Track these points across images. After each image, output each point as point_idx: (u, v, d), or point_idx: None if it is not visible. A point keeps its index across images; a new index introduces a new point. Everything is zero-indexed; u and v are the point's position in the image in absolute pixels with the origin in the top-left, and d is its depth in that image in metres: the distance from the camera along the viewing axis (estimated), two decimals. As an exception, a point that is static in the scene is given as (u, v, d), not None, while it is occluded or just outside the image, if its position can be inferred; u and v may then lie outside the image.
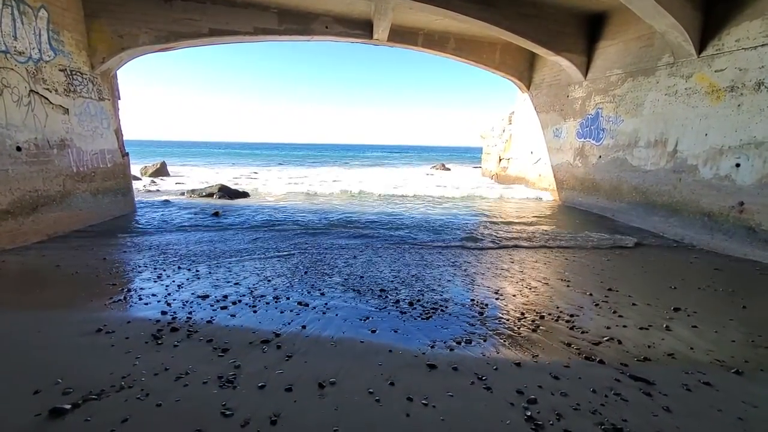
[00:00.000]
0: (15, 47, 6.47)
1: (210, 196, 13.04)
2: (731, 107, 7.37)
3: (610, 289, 5.32)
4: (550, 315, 4.44)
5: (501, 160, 17.78)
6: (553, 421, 2.59)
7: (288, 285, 5.24)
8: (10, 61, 6.39)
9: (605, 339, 3.88)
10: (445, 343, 3.75)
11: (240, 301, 4.63)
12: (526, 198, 13.86)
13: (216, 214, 9.90)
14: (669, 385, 3.06)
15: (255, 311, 4.37)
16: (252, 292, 4.94)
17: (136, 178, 16.99)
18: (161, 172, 21.01)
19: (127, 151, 9.87)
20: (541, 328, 4.11)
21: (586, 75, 11.27)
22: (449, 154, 71.40)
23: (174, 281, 5.25)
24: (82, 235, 7.72)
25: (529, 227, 9.49)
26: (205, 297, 4.69)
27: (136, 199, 10.86)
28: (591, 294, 5.12)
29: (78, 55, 8.04)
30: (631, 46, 9.70)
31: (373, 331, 3.96)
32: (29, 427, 2.36)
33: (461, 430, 2.49)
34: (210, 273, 5.63)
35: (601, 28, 10.62)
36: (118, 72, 9.62)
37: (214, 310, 4.33)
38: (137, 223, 9.14)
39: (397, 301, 4.79)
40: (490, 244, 7.88)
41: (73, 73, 7.92)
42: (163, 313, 4.21)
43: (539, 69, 13.73)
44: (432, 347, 3.65)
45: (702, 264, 6.72)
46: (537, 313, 4.50)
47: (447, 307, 4.63)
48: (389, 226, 9.34)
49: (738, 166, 7.23)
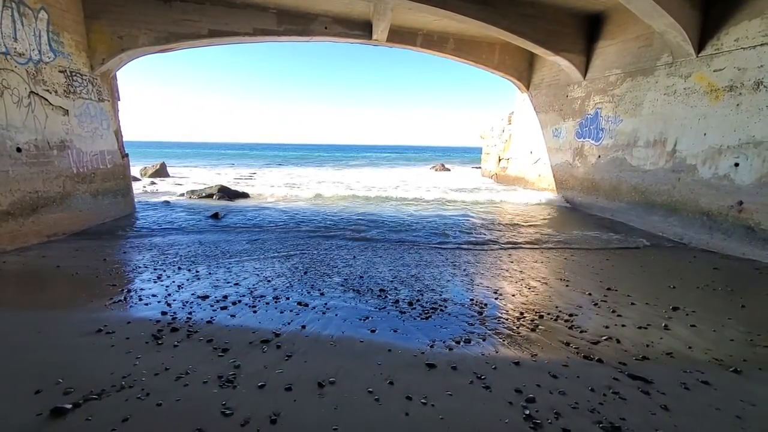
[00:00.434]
0: (15, 48, 6.48)
1: (210, 197, 13.05)
2: (730, 107, 7.38)
3: (609, 288, 5.33)
4: (549, 314, 4.45)
5: (500, 160, 17.79)
6: (552, 419, 2.60)
7: (288, 285, 5.25)
8: (11, 63, 6.40)
9: (604, 338, 3.89)
10: (444, 342, 3.76)
11: (240, 301, 4.65)
12: (526, 197, 13.86)
13: (215, 215, 9.91)
14: (667, 384, 3.07)
15: (255, 311, 4.38)
16: (252, 292, 4.95)
17: (136, 179, 16.99)
18: (161, 173, 21.01)
19: (126, 152, 9.89)
20: (540, 327, 4.12)
21: (585, 75, 11.28)
22: (449, 155, 71.44)
23: (174, 282, 5.26)
24: (82, 236, 7.74)
25: (528, 227, 9.51)
26: (205, 297, 4.71)
27: (136, 200, 10.88)
28: (590, 293, 5.13)
29: (78, 57, 8.05)
30: (630, 45, 9.71)
31: (372, 331, 3.98)
32: (31, 426, 2.38)
33: (460, 429, 2.50)
34: (210, 273, 5.64)
35: (600, 28, 10.63)
36: (117, 73, 9.63)
37: (214, 311, 4.34)
38: (137, 224, 9.15)
39: (397, 300, 4.80)
40: (489, 244, 7.89)
41: (73, 74, 7.93)
42: (163, 313, 4.22)
43: (538, 69, 13.74)
44: (431, 347, 3.66)
45: (701, 263, 6.74)
46: (536, 312, 4.51)
47: (446, 306, 4.64)
48: (388, 227, 9.35)
49: (737, 165, 7.24)
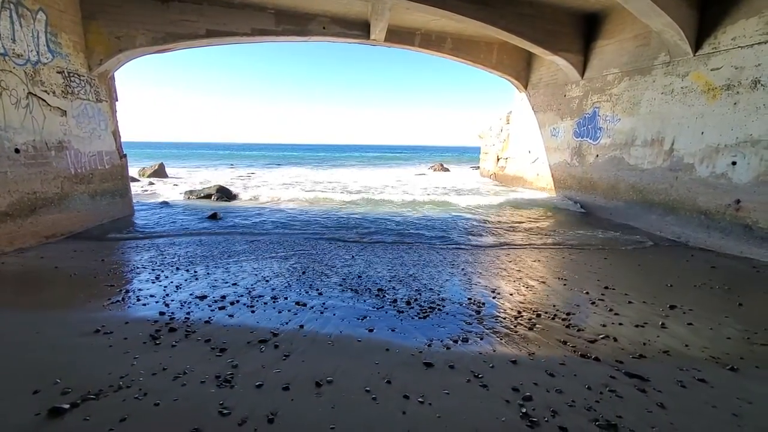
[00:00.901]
0: (13, 50, 6.48)
1: (208, 197, 13.04)
2: (727, 106, 7.40)
3: (606, 287, 5.35)
4: (546, 313, 4.46)
5: (499, 159, 17.80)
6: (548, 417, 2.61)
7: (286, 285, 5.25)
8: (9, 64, 6.39)
9: (601, 337, 3.90)
10: (441, 341, 3.77)
11: (238, 301, 4.65)
12: (524, 197, 13.87)
13: (214, 216, 9.91)
14: (664, 382, 3.08)
15: (253, 311, 4.38)
16: (250, 292, 4.96)
17: (135, 180, 16.96)
18: (159, 173, 21.01)
19: (125, 152, 9.88)
20: (537, 326, 4.13)
21: (583, 74, 11.30)
22: (448, 154, 71.42)
23: (172, 282, 5.26)
24: (81, 236, 7.73)
25: (526, 226, 9.52)
26: (203, 297, 4.71)
27: (134, 200, 10.86)
28: (588, 292, 5.14)
29: (75, 57, 8.05)
30: (628, 45, 9.73)
31: (370, 330, 3.98)
32: (29, 426, 2.38)
33: (457, 428, 2.51)
34: (208, 274, 5.65)
35: (597, 28, 10.65)
36: (115, 73, 9.62)
37: (212, 311, 4.35)
38: (135, 224, 9.15)
39: (395, 300, 4.81)
40: (487, 244, 7.91)
41: (71, 75, 7.92)
42: (161, 313, 4.22)
43: (536, 68, 13.75)
44: (429, 346, 3.67)
45: (699, 262, 6.75)
46: (534, 311, 4.52)
47: (444, 306, 4.65)
48: (387, 226, 9.36)
49: (734, 164, 7.26)
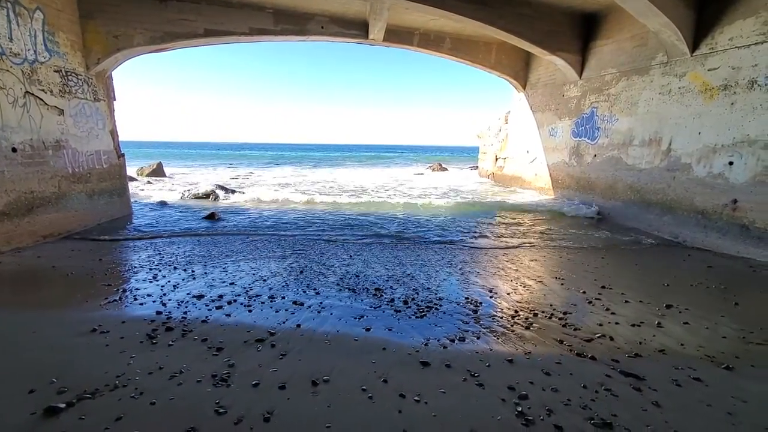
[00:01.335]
0: (10, 48, 6.46)
1: (206, 197, 13.03)
2: (724, 106, 7.42)
3: (603, 286, 5.36)
4: (543, 313, 4.47)
5: (497, 159, 17.82)
6: (544, 416, 2.62)
7: (283, 284, 5.26)
8: (6, 63, 6.38)
9: (597, 336, 3.91)
10: (438, 340, 3.77)
11: (235, 300, 4.65)
12: (523, 197, 13.90)
13: (212, 215, 9.90)
14: (659, 381, 3.09)
15: (250, 310, 4.38)
16: (247, 291, 4.96)
17: (133, 179, 16.95)
18: (158, 173, 20.97)
19: (123, 152, 9.86)
20: (534, 325, 4.14)
21: (581, 74, 11.31)
22: (446, 154, 71.48)
23: (169, 281, 5.26)
24: (78, 236, 7.72)
25: (524, 226, 9.54)
26: (200, 297, 4.71)
27: (132, 200, 10.84)
28: (584, 292, 5.16)
29: (73, 56, 8.03)
30: (625, 45, 9.75)
31: (367, 330, 3.99)
32: (24, 425, 2.38)
33: (453, 426, 2.51)
34: (205, 273, 5.64)
35: (595, 28, 10.66)
36: (113, 72, 9.60)
37: (209, 310, 4.35)
38: (133, 224, 9.13)
39: (392, 299, 4.81)
40: (484, 243, 7.92)
41: (69, 74, 7.90)
42: (158, 312, 4.22)
43: (535, 68, 13.77)
44: (426, 345, 3.67)
45: (695, 262, 6.77)
46: (530, 310, 4.53)
47: (441, 305, 4.66)
48: (385, 226, 9.36)
49: (731, 164, 7.28)
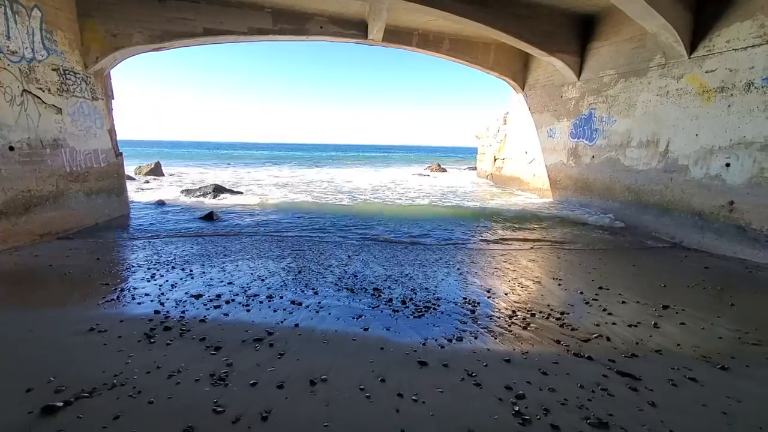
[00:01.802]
0: (8, 47, 6.44)
1: (204, 196, 13.02)
2: (721, 108, 7.46)
3: (600, 287, 5.38)
4: (541, 313, 4.49)
5: (496, 160, 17.84)
6: (541, 415, 2.63)
7: (281, 284, 5.26)
8: (3, 61, 6.36)
9: (594, 336, 3.93)
10: (436, 340, 3.78)
11: (233, 300, 4.65)
12: (521, 197, 13.93)
13: (210, 215, 9.88)
14: (655, 381, 3.11)
15: (248, 310, 4.38)
16: (245, 291, 4.96)
17: (131, 179, 16.91)
18: (156, 172, 20.91)
19: (121, 151, 9.84)
20: (531, 325, 4.16)
21: (579, 75, 11.35)
22: (445, 154, 71.55)
23: (167, 281, 5.25)
24: (76, 235, 7.70)
25: (522, 226, 9.56)
26: (198, 296, 4.71)
27: (130, 199, 10.84)
28: (582, 292, 5.18)
29: (71, 55, 8.01)
30: (624, 47, 9.78)
31: (365, 329, 3.99)
32: (21, 424, 2.37)
33: (450, 425, 2.52)
34: (203, 273, 5.64)
35: (594, 29, 10.70)
36: (112, 71, 9.59)
37: (207, 309, 4.34)
38: (131, 223, 9.12)
39: (390, 299, 4.82)
40: (482, 244, 7.94)
41: (67, 72, 7.88)
42: (156, 312, 4.21)
43: (533, 70, 13.80)
44: (423, 344, 3.68)
45: (692, 262, 6.80)
46: (528, 311, 4.55)
47: (439, 305, 4.67)
48: (383, 226, 9.37)
49: (728, 165, 7.32)
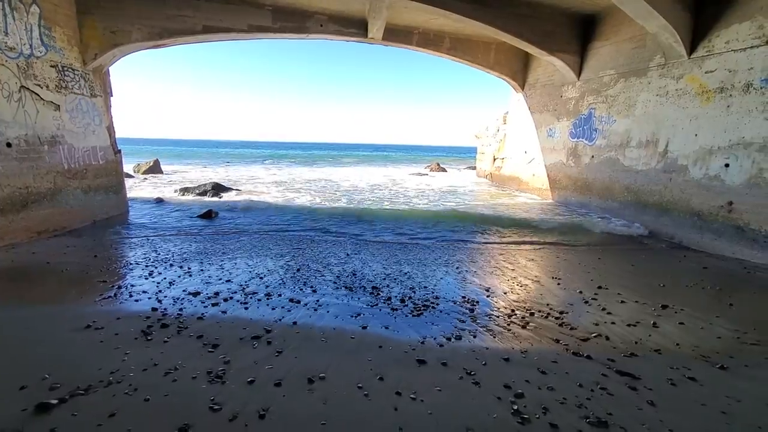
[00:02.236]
0: (6, 43, 6.41)
1: (203, 194, 12.98)
2: (720, 108, 7.45)
3: (600, 286, 5.37)
4: (540, 312, 4.48)
5: (495, 159, 17.84)
6: (539, 414, 2.62)
7: (280, 282, 5.24)
8: (1, 57, 6.32)
9: (593, 335, 3.92)
10: (435, 339, 3.77)
11: (231, 297, 4.63)
12: (520, 197, 13.93)
13: (209, 213, 9.85)
14: (654, 380, 3.10)
15: (246, 308, 4.37)
16: (244, 289, 4.94)
17: (129, 176, 16.87)
18: (155, 170, 20.86)
19: (119, 148, 9.80)
20: (530, 324, 4.15)
21: (579, 75, 11.34)
22: (445, 154, 71.53)
23: (165, 278, 5.23)
24: (73, 232, 7.67)
25: (521, 226, 9.55)
26: (196, 294, 4.68)
27: (129, 196, 10.79)
28: (581, 292, 5.17)
29: (70, 51, 7.97)
30: (624, 47, 9.78)
31: (364, 328, 3.98)
32: (15, 421, 2.35)
33: (448, 424, 2.51)
34: (202, 270, 5.62)
35: (594, 29, 10.69)
36: (110, 68, 9.54)
37: (205, 307, 4.32)
38: (129, 220, 9.09)
39: (389, 298, 4.81)
40: (482, 243, 7.93)
41: (65, 69, 7.84)
42: (154, 309, 4.19)
43: (533, 69, 13.79)
44: (422, 343, 3.67)
45: (691, 262, 6.80)
46: (527, 310, 4.54)
47: (438, 304, 4.66)
48: (382, 225, 9.36)
49: (727, 166, 7.32)
